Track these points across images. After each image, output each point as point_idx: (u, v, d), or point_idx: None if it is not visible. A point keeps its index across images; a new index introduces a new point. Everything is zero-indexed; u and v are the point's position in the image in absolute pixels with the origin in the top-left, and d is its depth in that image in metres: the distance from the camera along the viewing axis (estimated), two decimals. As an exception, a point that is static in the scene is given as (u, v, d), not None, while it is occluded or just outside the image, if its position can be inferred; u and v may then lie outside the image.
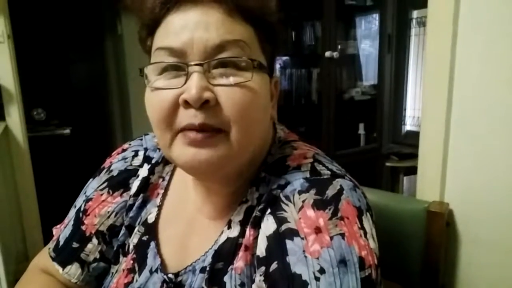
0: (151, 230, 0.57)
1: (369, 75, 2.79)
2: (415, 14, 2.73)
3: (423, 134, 0.96)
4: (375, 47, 2.71)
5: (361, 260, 0.42)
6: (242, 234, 0.50)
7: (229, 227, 0.51)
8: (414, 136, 2.69)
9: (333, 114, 2.34)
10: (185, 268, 0.52)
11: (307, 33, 2.44)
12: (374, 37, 2.73)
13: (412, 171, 2.48)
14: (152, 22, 0.48)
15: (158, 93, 0.46)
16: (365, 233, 0.45)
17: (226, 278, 0.49)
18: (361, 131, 2.68)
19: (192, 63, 0.44)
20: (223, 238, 0.51)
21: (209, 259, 0.50)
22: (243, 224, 0.50)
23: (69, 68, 3.69)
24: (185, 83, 0.44)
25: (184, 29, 0.44)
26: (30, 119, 3.04)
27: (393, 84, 2.74)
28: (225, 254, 0.50)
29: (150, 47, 0.50)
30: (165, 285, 0.52)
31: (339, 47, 2.36)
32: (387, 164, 2.59)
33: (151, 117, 0.47)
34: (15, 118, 2.02)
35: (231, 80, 0.45)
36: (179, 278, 0.52)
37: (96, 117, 3.77)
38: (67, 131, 3.13)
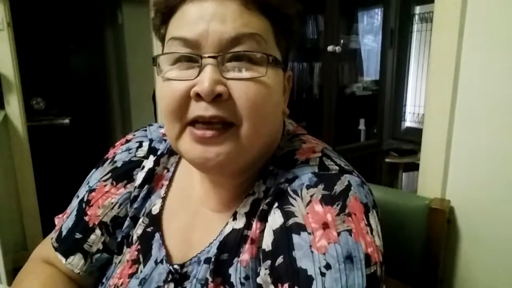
0: (156, 221, 0.57)
1: (371, 71, 2.78)
2: (417, 9, 2.72)
3: (426, 130, 0.96)
4: (377, 42, 2.70)
5: (367, 257, 0.42)
6: (247, 226, 0.50)
7: (235, 219, 0.51)
8: (413, 132, 2.71)
9: (334, 109, 2.33)
10: (190, 259, 0.52)
11: (309, 27, 2.42)
12: (377, 32, 2.71)
13: (411, 167, 2.49)
14: (167, 9, 0.47)
15: (170, 84, 0.45)
16: (371, 230, 0.45)
17: (231, 270, 0.49)
18: (362, 126, 2.68)
19: (206, 55, 0.44)
20: (228, 229, 0.51)
21: (214, 250, 0.50)
22: (249, 216, 0.50)
23: (69, 57, 3.68)
24: (198, 75, 0.43)
25: (199, 20, 0.44)
26: (30, 108, 3.03)
27: (394, 80, 2.73)
28: (230, 245, 0.50)
29: (164, 35, 0.49)
30: (170, 275, 0.52)
31: (342, 41, 2.35)
32: (387, 160, 2.59)
33: (161, 107, 0.47)
34: (14, 107, 2.01)
35: (245, 74, 0.44)
36: (185, 269, 0.52)
37: (96, 107, 3.77)
38: (67, 120, 3.13)
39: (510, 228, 0.82)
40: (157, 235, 0.56)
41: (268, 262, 0.45)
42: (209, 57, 0.43)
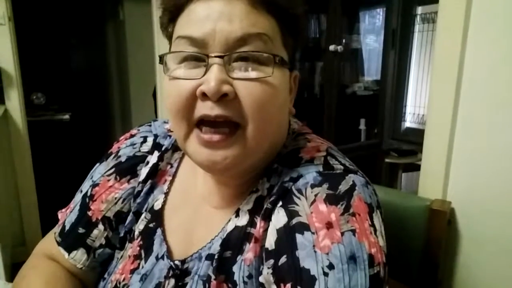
0: (158, 217, 0.57)
1: (372, 70, 2.78)
2: (419, 10, 2.71)
3: (428, 131, 0.95)
4: (379, 42, 2.70)
5: (371, 257, 0.42)
6: (251, 223, 0.50)
7: (237, 216, 0.51)
8: (413, 133, 2.71)
9: (335, 108, 2.33)
10: (191, 256, 0.52)
11: (312, 26, 2.42)
12: (378, 32, 2.71)
13: (411, 168, 2.49)
14: (175, 8, 0.47)
15: (177, 83, 0.45)
16: (375, 230, 0.45)
17: (235, 268, 0.48)
18: (362, 126, 2.68)
19: (213, 55, 0.44)
20: (230, 227, 0.51)
21: (215, 247, 0.50)
22: (252, 213, 0.50)
23: (70, 53, 3.67)
24: (204, 74, 0.44)
25: (207, 19, 0.44)
26: (30, 103, 3.03)
27: (395, 80, 2.73)
28: (233, 242, 0.50)
29: (171, 33, 0.49)
30: (171, 271, 0.52)
31: (344, 41, 2.35)
32: (387, 160, 2.59)
33: (168, 106, 0.47)
34: (14, 101, 2.01)
35: (252, 74, 0.44)
36: (186, 265, 0.52)
37: (96, 103, 3.76)
38: (67, 116, 3.12)
39: (511, 230, 0.82)
40: (158, 231, 0.56)
41: (271, 261, 0.45)
42: (215, 56, 0.44)
